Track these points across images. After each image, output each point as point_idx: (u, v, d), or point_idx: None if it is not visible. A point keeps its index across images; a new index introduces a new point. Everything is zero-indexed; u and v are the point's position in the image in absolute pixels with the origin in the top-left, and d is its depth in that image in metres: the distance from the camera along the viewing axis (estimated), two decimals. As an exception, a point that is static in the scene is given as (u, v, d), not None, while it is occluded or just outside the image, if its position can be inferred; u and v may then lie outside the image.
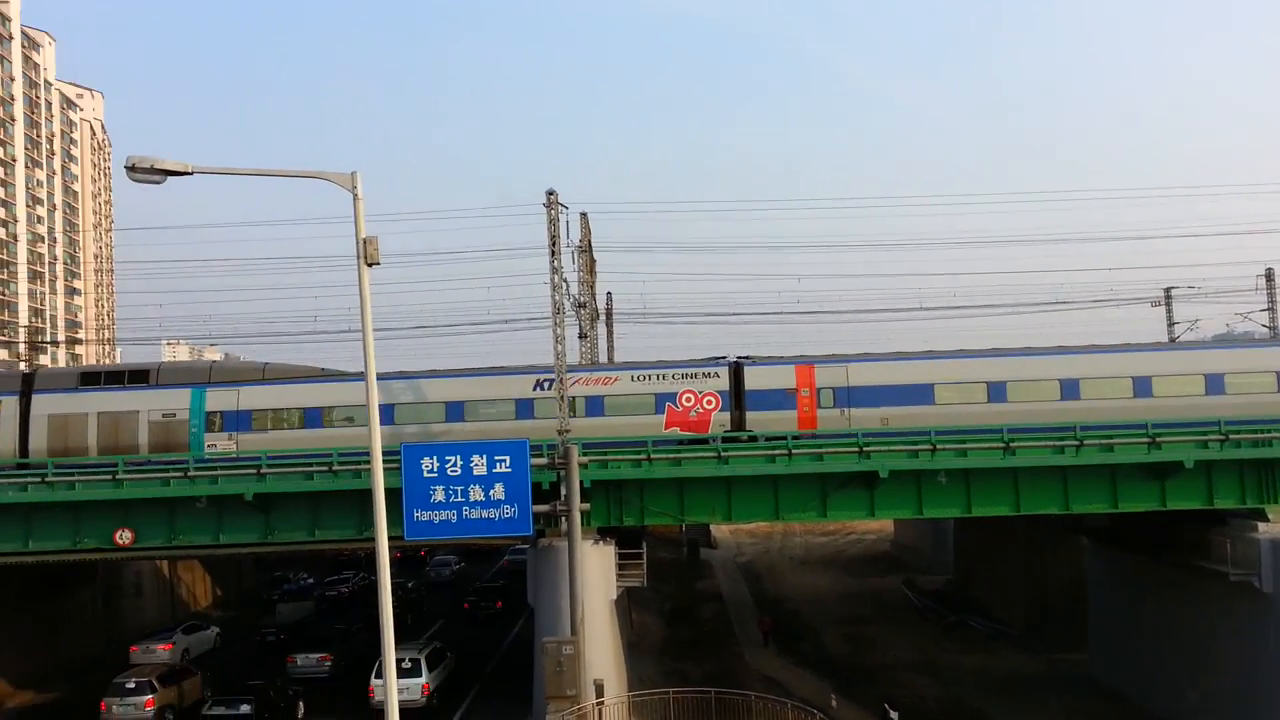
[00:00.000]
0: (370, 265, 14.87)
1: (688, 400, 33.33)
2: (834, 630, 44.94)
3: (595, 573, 28.59)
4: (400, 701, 29.12)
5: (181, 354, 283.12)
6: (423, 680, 32.21)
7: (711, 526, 66.79)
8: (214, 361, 45.41)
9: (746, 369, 33.60)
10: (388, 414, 33.12)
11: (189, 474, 30.46)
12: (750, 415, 33.09)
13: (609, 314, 61.33)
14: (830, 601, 51.15)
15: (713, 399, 33.18)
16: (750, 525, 66.47)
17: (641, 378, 33.89)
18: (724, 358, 34.29)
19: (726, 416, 33.06)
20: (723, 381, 33.47)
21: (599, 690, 25.98)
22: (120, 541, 31.00)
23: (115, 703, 31.54)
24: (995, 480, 30.09)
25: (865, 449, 29.25)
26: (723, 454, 29.76)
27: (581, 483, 27.82)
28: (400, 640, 32.12)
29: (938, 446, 29.19)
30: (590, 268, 50.89)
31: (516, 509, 27.50)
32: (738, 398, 33.29)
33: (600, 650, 27.73)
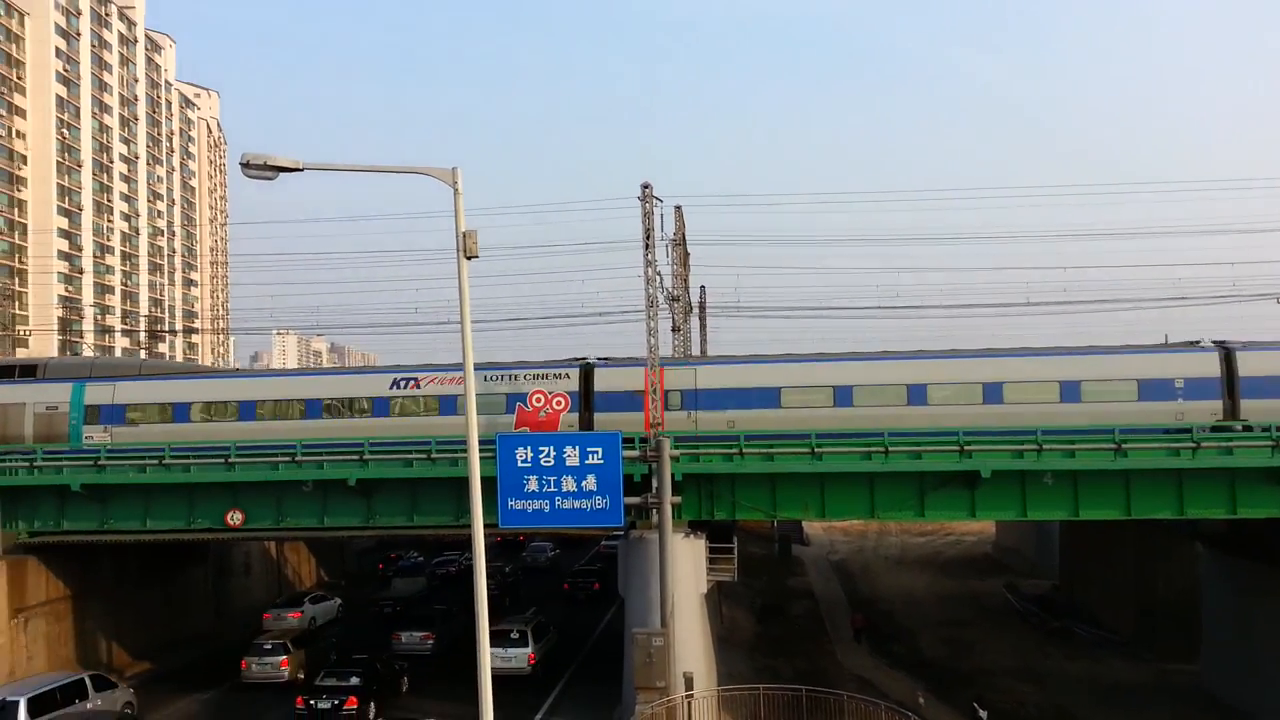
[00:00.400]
0: (469, 258, 15.17)
1: (538, 401, 34.02)
2: (930, 633, 43.91)
3: (686, 566, 28.56)
4: (508, 669, 32.46)
5: (290, 344, 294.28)
6: (529, 650, 33.75)
7: (804, 523, 66.10)
8: (96, 358, 47.45)
9: (597, 371, 34.06)
10: (249, 410, 35.04)
11: (296, 459, 31.58)
12: (598, 416, 33.44)
13: (702, 308, 61.22)
14: (926, 603, 50.01)
15: (562, 400, 33.74)
16: (844, 523, 65.55)
17: (495, 378, 34.45)
18: (585, 359, 34.56)
19: (575, 417, 33.55)
20: (573, 383, 33.94)
21: (688, 683, 25.94)
22: (231, 522, 32.47)
23: (254, 661, 34.21)
24: (1105, 482, 28.85)
25: (966, 448, 28.46)
26: (817, 449, 29.32)
27: (673, 476, 27.79)
28: (500, 619, 34.29)
29: (1044, 446, 28.21)
30: (684, 261, 50.77)
31: (608, 500, 27.63)
32: (586, 399, 33.70)
33: (690, 643, 27.70)
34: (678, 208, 47.75)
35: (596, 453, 27.94)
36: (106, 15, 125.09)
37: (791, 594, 49.88)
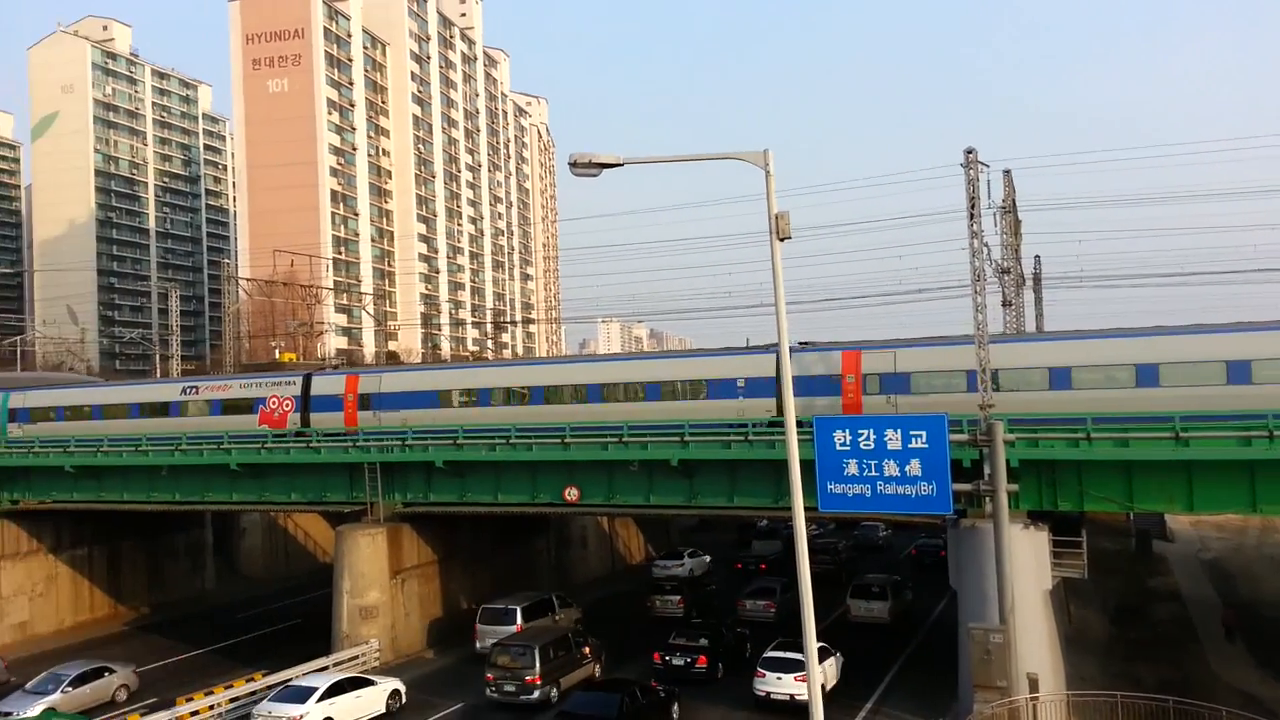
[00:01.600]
0: (782, 240, 15.04)
1: (274, 403, 41.41)
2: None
3: (1025, 559, 26.46)
4: (870, 618, 39.14)
5: (614, 331, 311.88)
6: (889, 604, 39.30)
7: (1167, 516, 59.00)
8: (28, 373, 64.06)
9: (314, 379, 41.26)
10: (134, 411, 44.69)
11: (624, 439, 33.15)
12: (314, 416, 40.33)
13: (1037, 279, 56.71)
14: (1326, 611, 42.75)
15: (290, 402, 41.09)
16: (1218, 517, 57.71)
17: (246, 385, 43.14)
18: (328, 368, 42.57)
19: (299, 417, 40.45)
20: (297, 389, 40.99)
21: (1032, 685, 24.09)
22: (568, 498, 34.83)
23: (657, 599, 42.79)
24: None
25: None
26: (1181, 434, 25.94)
27: (1008, 461, 25.84)
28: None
29: None
30: (1014, 230, 47.23)
31: (934, 487, 26.11)
32: (305, 402, 40.42)
33: (1033, 642, 25.68)
34: (1006, 172, 44.63)
35: (920, 436, 26.49)
36: (450, 38, 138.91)
37: (1152, 595, 44.77)
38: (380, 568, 35.98)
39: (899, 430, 26.81)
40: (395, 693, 30.17)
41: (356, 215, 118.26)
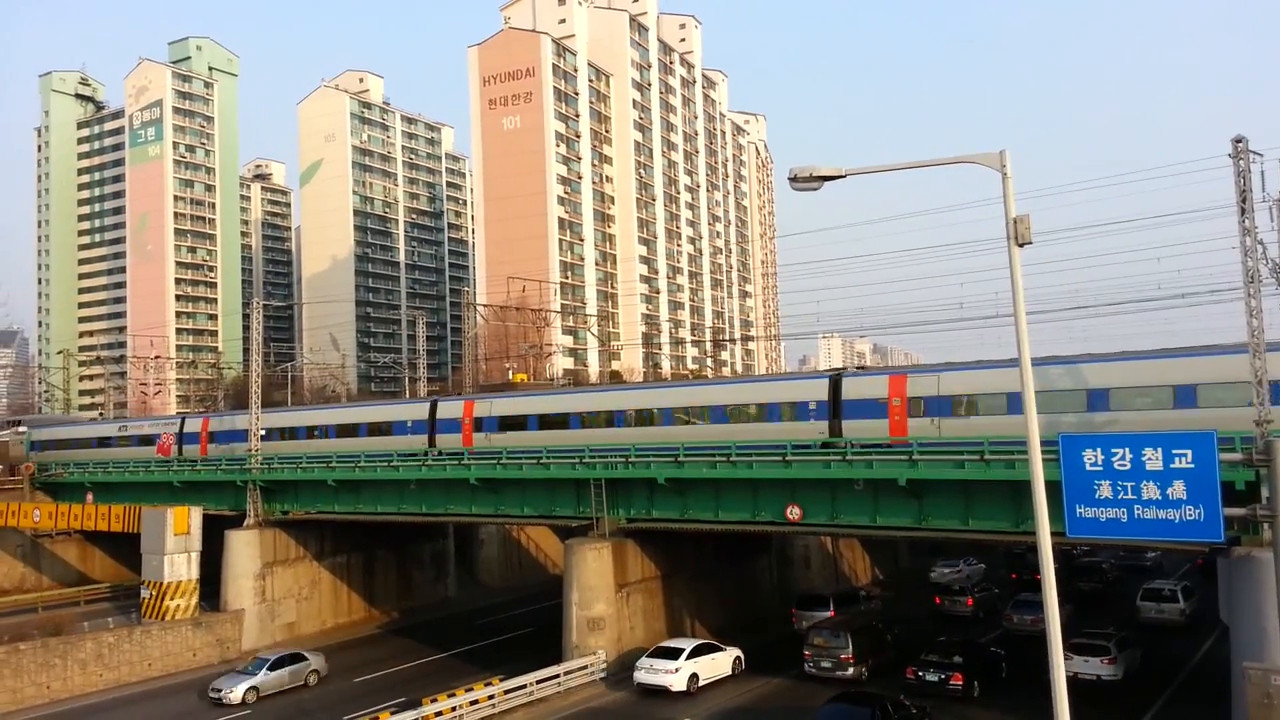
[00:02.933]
0: (1021, 245, 14.12)
1: (167, 440, 59.57)
2: None
3: (1314, 594, 23.29)
4: (1163, 619, 40.58)
5: (834, 346, 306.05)
6: (1181, 605, 40.44)
7: None
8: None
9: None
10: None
11: (847, 458, 32.28)
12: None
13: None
14: None
15: (172, 439, 59.20)
16: None
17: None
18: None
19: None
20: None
21: (1325, 738, 21.12)
22: (790, 516, 34.30)
23: (945, 599, 45.77)
24: None
25: None
26: None
27: (1288, 483, 22.86)
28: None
29: None
30: (1292, 224, 42.12)
31: (1202, 511, 23.32)
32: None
33: (1325, 689, 22.54)
34: (1281, 160, 39.94)
35: (1185, 456, 23.76)
36: (670, 63, 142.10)
37: None
38: (606, 581, 36.89)
39: (1159, 449, 24.35)
40: (738, 658, 35.79)
41: (581, 240, 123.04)
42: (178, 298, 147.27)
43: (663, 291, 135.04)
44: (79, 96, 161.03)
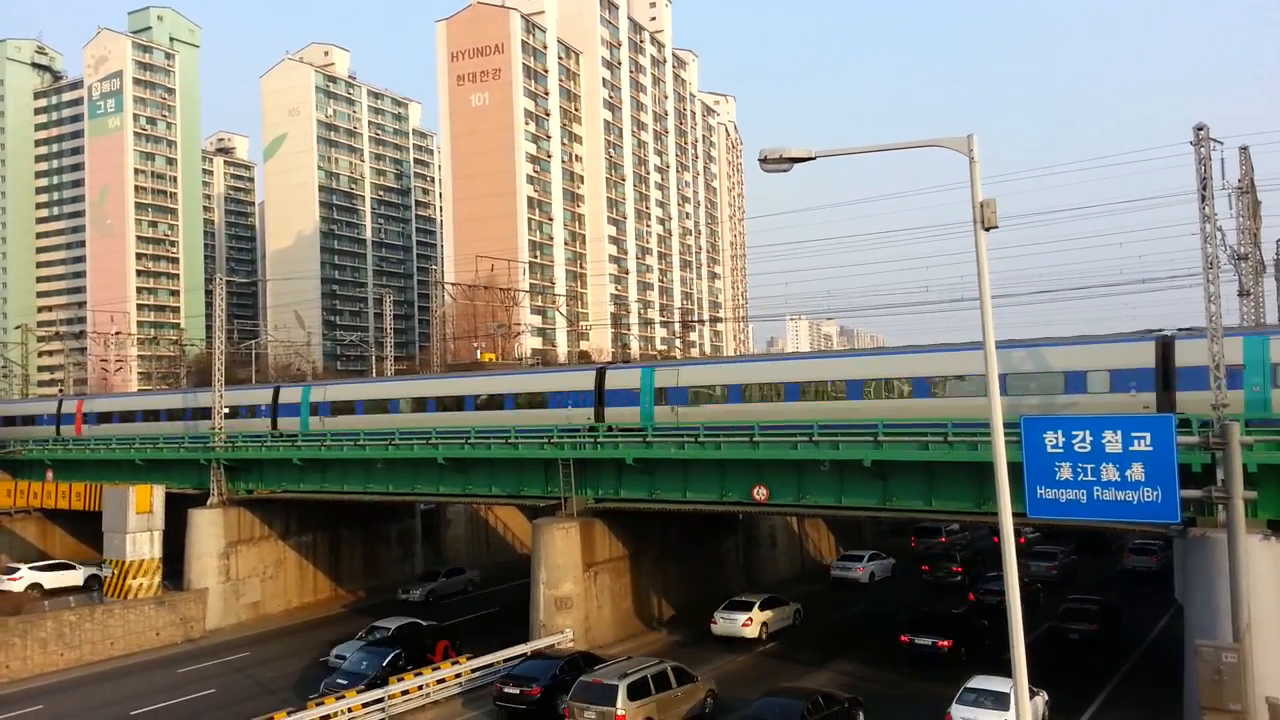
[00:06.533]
0: (987, 229, 14.22)
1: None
2: None
3: (1264, 573, 23.95)
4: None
5: (802, 329, 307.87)
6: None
7: None
8: None
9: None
10: None
11: (814, 439, 32.55)
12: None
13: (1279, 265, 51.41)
14: None
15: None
16: None
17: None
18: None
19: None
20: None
21: (1273, 711, 21.76)
22: (757, 497, 34.56)
23: (936, 568, 48.56)
24: None
25: None
26: None
27: (1245, 466, 23.47)
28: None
29: None
30: (1253, 211, 42.90)
31: (1159, 493, 23.97)
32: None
33: (1274, 664, 23.20)
34: (1243, 148, 40.75)
35: (1143, 438, 24.42)
36: (641, 42, 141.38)
37: None
38: (574, 560, 37.01)
39: (1119, 432, 24.89)
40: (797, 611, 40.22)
41: (551, 220, 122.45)
42: (139, 273, 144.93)
43: (632, 272, 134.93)
44: (36, 66, 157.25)
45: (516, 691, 29.10)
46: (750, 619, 37.85)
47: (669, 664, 28.58)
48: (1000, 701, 25.22)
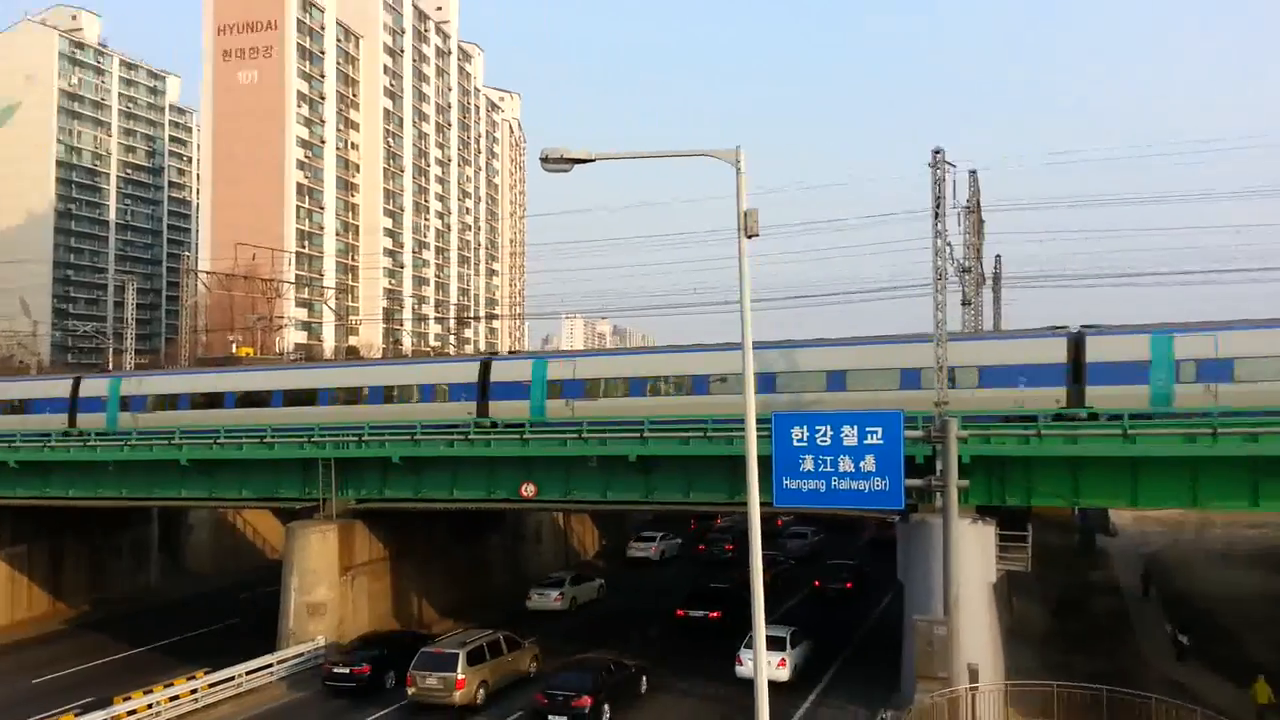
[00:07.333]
0: (750, 237, 15.00)
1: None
2: (1259, 635, 38.11)
3: (972, 553, 26.62)
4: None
5: (577, 327, 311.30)
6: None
7: (1111, 511, 59.90)
8: None
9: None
10: None
11: (582, 435, 32.95)
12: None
13: (996, 278, 57.21)
14: (1256, 604, 43.57)
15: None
16: (1159, 512, 58.79)
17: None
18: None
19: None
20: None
21: (973, 675, 24.20)
22: (525, 494, 34.48)
23: (711, 547, 52.85)
24: None
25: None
26: (1129, 431, 26.23)
27: (960, 458, 25.93)
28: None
29: None
30: (977, 229, 47.57)
31: (888, 482, 26.06)
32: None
33: (976, 634, 25.80)
34: (972, 172, 44.97)
35: (876, 433, 26.43)
36: (425, 32, 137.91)
37: (1093, 589, 45.47)
38: (330, 564, 35.50)
39: (855, 426, 26.78)
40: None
41: (322, 209, 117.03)
42: None
43: (407, 266, 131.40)
44: None
45: (346, 671, 30.97)
46: (561, 594, 42.05)
47: (501, 633, 31.45)
48: (778, 644, 29.95)
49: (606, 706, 27.73)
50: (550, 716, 26.90)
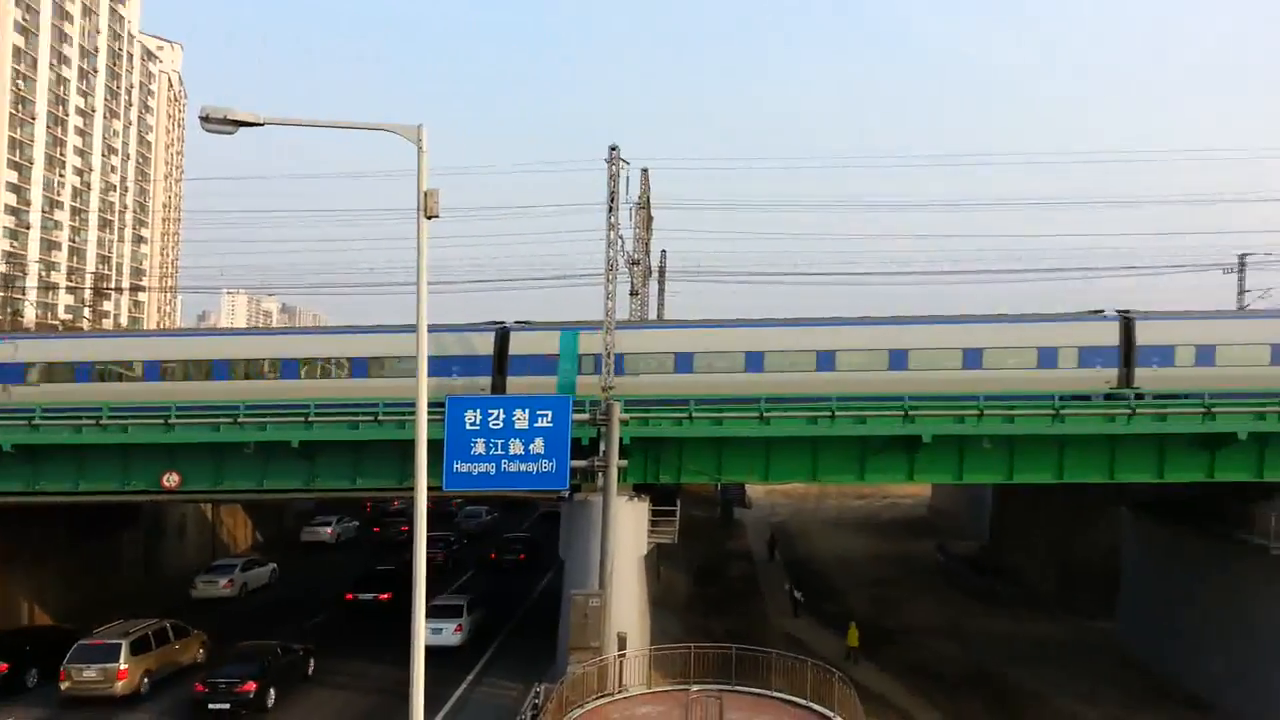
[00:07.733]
0: (430, 218, 14.68)
1: None
2: (861, 592, 44.85)
3: (627, 529, 28.57)
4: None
5: (240, 303, 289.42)
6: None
7: (748, 486, 66.57)
8: None
9: None
10: None
11: (239, 420, 30.96)
12: None
13: (662, 272, 60.99)
14: (860, 564, 51.01)
15: None
16: (787, 486, 66.35)
17: None
18: None
19: None
20: None
21: (621, 643, 26.05)
22: (167, 484, 31.52)
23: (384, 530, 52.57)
24: (1040, 447, 29.30)
25: (910, 413, 28.72)
26: (765, 414, 29.39)
27: (621, 439, 27.66)
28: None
29: (984, 412, 28.55)
30: (647, 225, 50.44)
31: (555, 464, 27.27)
32: None
33: (626, 604, 27.79)
34: (644, 171, 47.49)
35: (546, 416, 27.49)
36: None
37: (730, 556, 50.56)
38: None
39: (527, 410, 27.65)
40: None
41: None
42: None
43: (35, 226, 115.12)
44: None
45: None
46: (231, 580, 41.50)
47: (168, 622, 30.69)
48: (454, 612, 32.50)
49: (272, 690, 27.38)
50: (211, 705, 26.51)
